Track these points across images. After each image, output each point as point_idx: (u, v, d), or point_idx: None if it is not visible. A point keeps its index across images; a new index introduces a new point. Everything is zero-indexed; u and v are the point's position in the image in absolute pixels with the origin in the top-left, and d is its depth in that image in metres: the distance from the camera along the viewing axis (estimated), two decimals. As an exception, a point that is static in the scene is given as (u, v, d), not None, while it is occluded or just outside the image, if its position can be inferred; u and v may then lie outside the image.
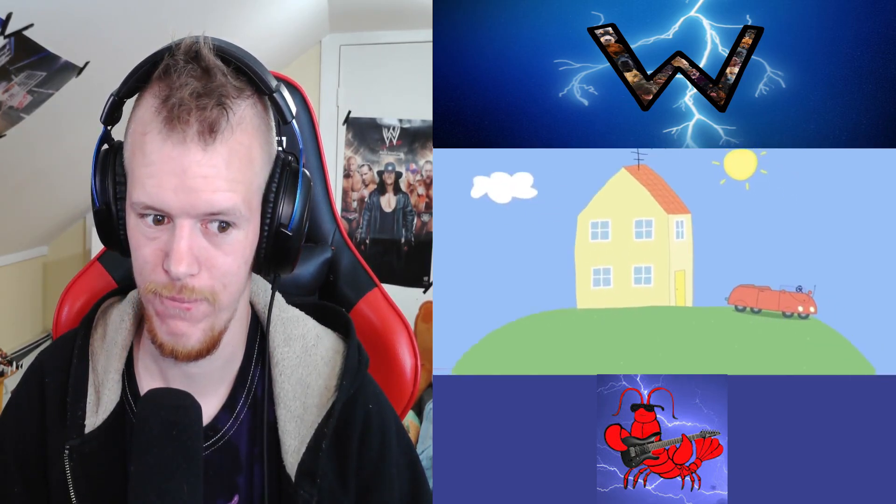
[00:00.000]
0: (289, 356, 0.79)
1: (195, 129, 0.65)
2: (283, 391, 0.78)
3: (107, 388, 0.76)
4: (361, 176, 3.11)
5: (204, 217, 0.68)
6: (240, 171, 0.69)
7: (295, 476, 0.74)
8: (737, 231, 0.86)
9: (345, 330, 0.84)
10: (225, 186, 0.67)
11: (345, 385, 0.77)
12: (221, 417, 0.78)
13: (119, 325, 0.79)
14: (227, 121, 0.67)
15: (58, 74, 1.64)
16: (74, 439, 0.74)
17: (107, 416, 0.75)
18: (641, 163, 0.84)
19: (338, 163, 3.10)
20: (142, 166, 0.68)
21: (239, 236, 0.70)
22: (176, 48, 0.68)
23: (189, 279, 0.68)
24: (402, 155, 3.07)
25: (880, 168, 0.87)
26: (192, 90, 0.65)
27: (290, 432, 0.76)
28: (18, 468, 0.78)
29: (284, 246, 0.74)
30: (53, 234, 2.82)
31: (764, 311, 0.87)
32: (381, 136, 3.09)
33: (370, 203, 3.11)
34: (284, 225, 0.73)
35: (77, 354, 0.78)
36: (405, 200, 3.07)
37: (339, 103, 3.10)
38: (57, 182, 2.25)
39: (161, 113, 0.66)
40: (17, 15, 1.36)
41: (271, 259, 0.75)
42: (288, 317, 0.82)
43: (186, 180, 0.66)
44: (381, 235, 3.09)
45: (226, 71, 0.68)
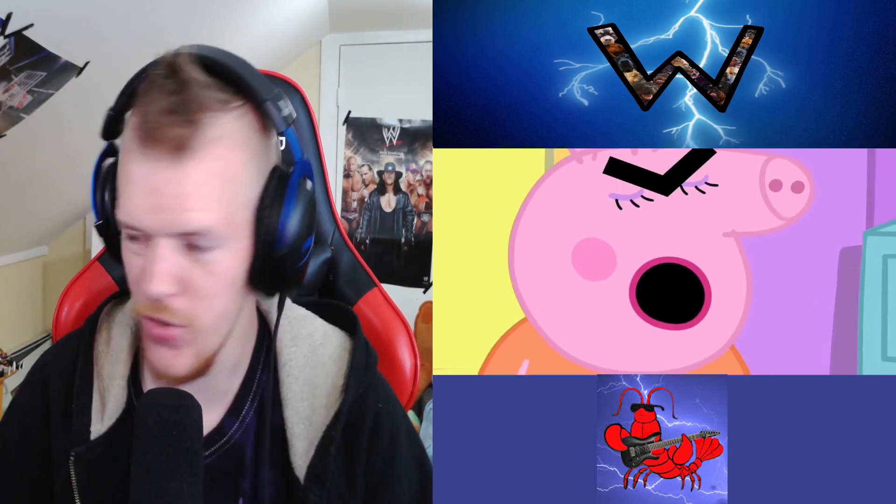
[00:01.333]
0: (296, 356, 0.78)
1: (165, 146, 0.64)
2: (291, 393, 0.77)
3: (112, 395, 0.75)
4: (361, 176, 3.11)
5: (181, 236, 0.66)
6: (218, 188, 0.66)
7: (304, 479, 0.74)
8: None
9: (352, 328, 0.83)
10: (199, 205, 0.65)
11: (352, 385, 0.77)
12: (227, 421, 0.78)
13: (124, 329, 0.78)
14: (201, 136, 0.64)
15: (58, 74, 1.64)
16: (80, 446, 0.73)
17: (112, 423, 0.74)
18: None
19: (338, 163, 3.10)
20: (122, 185, 0.67)
21: (221, 256, 0.67)
22: (159, 62, 0.67)
23: (169, 299, 0.66)
24: (402, 155, 3.07)
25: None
26: (162, 107, 0.64)
27: (299, 434, 0.76)
28: (21, 471, 0.77)
29: (277, 266, 0.70)
30: (53, 234, 2.82)
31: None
32: (381, 136, 3.09)
33: (370, 203, 3.11)
34: (273, 243, 0.69)
35: (82, 359, 0.77)
36: (405, 200, 3.07)
37: (339, 103, 3.10)
38: (57, 182, 2.25)
39: (137, 131, 0.65)
40: (17, 15, 1.36)
41: (265, 280, 0.72)
42: (294, 315, 0.81)
43: (158, 199, 0.64)
44: (381, 235, 3.09)
45: (208, 83, 0.66)
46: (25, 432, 0.78)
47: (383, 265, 3.05)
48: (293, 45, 2.91)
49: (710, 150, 0.82)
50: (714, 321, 0.84)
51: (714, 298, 0.84)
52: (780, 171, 0.83)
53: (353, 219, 3.12)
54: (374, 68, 3.05)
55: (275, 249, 0.69)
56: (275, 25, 2.48)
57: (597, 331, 0.84)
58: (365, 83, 3.06)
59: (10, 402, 0.81)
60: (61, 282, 2.61)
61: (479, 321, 0.88)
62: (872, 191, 0.85)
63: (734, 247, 0.84)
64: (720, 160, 0.83)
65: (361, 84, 3.06)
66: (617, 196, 0.84)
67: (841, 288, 0.84)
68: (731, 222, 0.83)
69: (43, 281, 2.87)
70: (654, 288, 0.84)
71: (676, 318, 0.83)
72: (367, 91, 3.07)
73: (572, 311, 0.85)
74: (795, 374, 0.84)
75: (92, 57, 1.69)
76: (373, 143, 3.09)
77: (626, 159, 0.84)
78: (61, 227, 2.80)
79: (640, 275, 0.84)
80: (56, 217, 2.65)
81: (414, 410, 2.57)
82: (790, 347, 0.84)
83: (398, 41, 2.97)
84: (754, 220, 0.82)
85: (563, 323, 0.85)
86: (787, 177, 0.83)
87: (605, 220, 0.85)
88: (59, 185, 2.30)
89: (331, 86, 3.09)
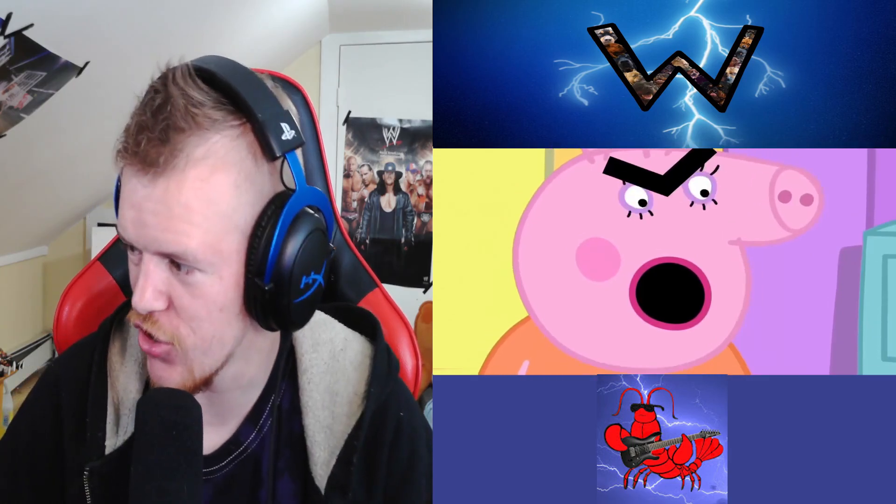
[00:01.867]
0: (317, 363, 0.77)
1: (139, 164, 0.62)
2: (312, 400, 0.75)
3: (126, 409, 0.73)
4: (361, 176, 3.11)
5: (163, 254, 0.63)
6: (197, 212, 0.62)
7: (325, 489, 0.72)
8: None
9: (372, 332, 0.82)
10: (174, 228, 0.62)
11: (374, 393, 0.75)
12: (244, 430, 0.77)
13: (137, 341, 0.76)
14: (181, 156, 0.61)
15: (58, 74, 1.64)
16: (95, 461, 0.71)
17: (127, 438, 0.72)
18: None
19: (338, 163, 3.10)
20: (120, 198, 0.66)
21: (204, 280, 0.64)
22: (157, 77, 0.65)
23: (157, 314, 0.65)
24: (402, 155, 3.07)
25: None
26: (141, 123, 0.62)
27: (320, 443, 0.74)
28: (29, 481, 0.76)
29: (268, 300, 0.65)
30: (53, 234, 2.82)
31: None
32: (381, 136, 3.09)
33: (370, 203, 3.11)
34: (263, 274, 0.64)
35: (96, 371, 0.75)
36: (405, 200, 3.07)
37: (339, 103, 3.10)
38: (57, 182, 2.25)
39: (128, 146, 0.63)
40: (17, 15, 1.36)
41: (258, 312, 0.67)
42: (315, 320, 0.79)
43: (140, 215, 0.63)
44: (381, 235, 3.09)
45: (200, 100, 0.63)
46: (36, 439, 0.76)
47: (383, 265, 3.06)
48: (293, 45, 2.91)
49: (709, 151, 0.82)
50: (714, 320, 0.84)
51: (714, 298, 0.84)
52: (791, 182, 0.83)
53: (353, 219, 3.12)
54: (374, 68, 3.05)
55: (264, 282, 0.64)
56: (275, 25, 2.48)
57: (599, 329, 0.84)
58: (365, 83, 3.06)
59: (19, 412, 0.81)
60: (61, 282, 2.61)
61: (479, 321, 0.88)
62: (872, 191, 0.85)
63: (738, 252, 0.84)
64: (730, 168, 0.83)
65: (361, 84, 3.06)
66: (627, 206, 0.84)
67: (841, 288, 0.84)
68: (737, 231, 0.82)
69: (43, 281, 2.87)
70: (655, 288, 0.84)
71: (677, 318, 0.83)
72: (367, 91, 3.07)
73: (575, 311, 0.85)
74: (795, 374, 0.84)
75: (92, 57, 1.69)
76: (373, 143, 3.09)
77: (633, 160, 0.84)
78: (61, 227, 2.80)
79: (641, 274, 0.84)
80: (56, 217, 2.65)
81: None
82: (790, 347, 0.84)
83: (398, 41, 2.97)
84: (761, 231, 0.82)
85: (565, 321, 0.85)
86: (797, 189, 0.83)
87: (612, 221, 0.85)
88: (59, 185, 2.30)
89: (331, 86, 3.09)
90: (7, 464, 0.78)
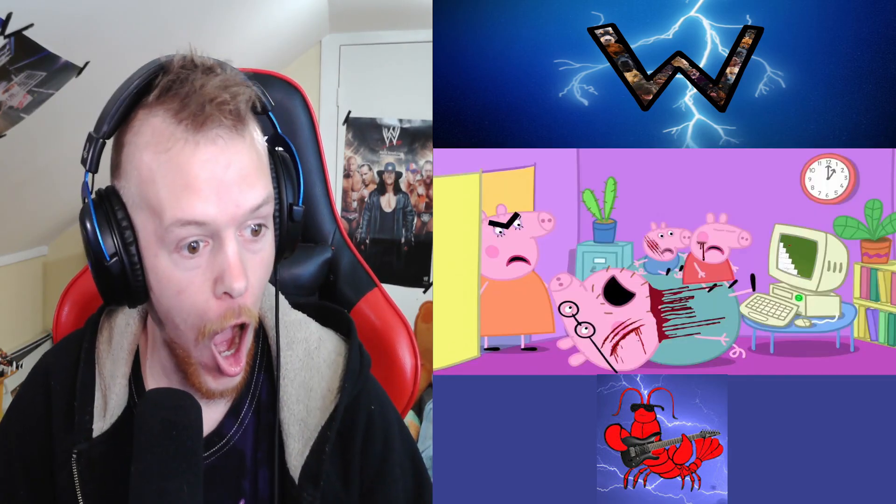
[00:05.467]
0: (291, 360, 0.79)
1: (225, 124, 0.65)
2: (287, 395, 0.78)
3: (114, 393, 0.76)
4: (361, 176, 3.11)
5: (243, 222, 0.66)
6: (259, 159, 0.69)
7: (298, 479, 0.75)
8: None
9: (346, 331, 0.84)
10: (257, 179, 0.67)
11: (347, 388, 0.77)
12: (227, 423, 0.79)
13: (125, 329, 0.79)
14: (246, 110, 0.67)
15: (58, 74, 1.64)
16: (82, 443, 0.74)
17: (114, 421, 0.75)
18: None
19: (338, 163, 3.10)
20: (174, 185, 0.64)
21: (268, 236, 0.70)
22: (168, 66, 0.66)
23: (242, 298, 0.67)
24: (402, 155, 3.07)
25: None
26: (208, 90, 0.64)
27: (294, 435, 0.76)
28: (24, 470, 0.78)
29: (295, 227, 0.75)
30: (53, 234, 2.82)
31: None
32: (381, 136, 3.08)
33: (370, 203, 3.11)
34: (290, 210, 0.73)
35: (84, 358, 0.78)
36: (405, 200, 3.07)
37: (339, 103, 3.10)
38: (57, 182, 2.25)
39: (182, 122, 0.64)
40: (17, 15, 1.36)
41: (288, 242, 0.75)
42: (290, 321, 0.82)
43: (225, 179, 0.65)
44: (381, 235, 3.09)
45: (223, 66, 0.68)
46: (28, 431, 0.78)
47: (383, 265, 3.05)
48: (293, 45, 2.91)
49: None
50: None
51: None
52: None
53: (353, 219, 3.12)
54: (374, 68, 3.05)
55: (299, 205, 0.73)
56: (275, 25, 2.48)
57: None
58: (365, 83, 3.06)
59: (12, 402, 0.82)
60: (61, 282, 2.61)
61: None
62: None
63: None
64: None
65: (361, 84, 3.06)
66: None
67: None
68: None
69: (43, 281, 2.87)
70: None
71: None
72: (367, 91, 3.07)
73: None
74: (795, 374, 0.84)
75: (92, 57, 1.69)
76: (373, 143, 3.09)
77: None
78: (61, 227, 2.80)
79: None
80: (56, 217, 2.65)
81: (414, 410, 2.57)
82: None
83: (398, 41, 2.97)
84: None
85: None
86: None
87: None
88: (60, 185, 2.30)
89: (331, 86, 3.09)
90: (1, 452, 0.79)
